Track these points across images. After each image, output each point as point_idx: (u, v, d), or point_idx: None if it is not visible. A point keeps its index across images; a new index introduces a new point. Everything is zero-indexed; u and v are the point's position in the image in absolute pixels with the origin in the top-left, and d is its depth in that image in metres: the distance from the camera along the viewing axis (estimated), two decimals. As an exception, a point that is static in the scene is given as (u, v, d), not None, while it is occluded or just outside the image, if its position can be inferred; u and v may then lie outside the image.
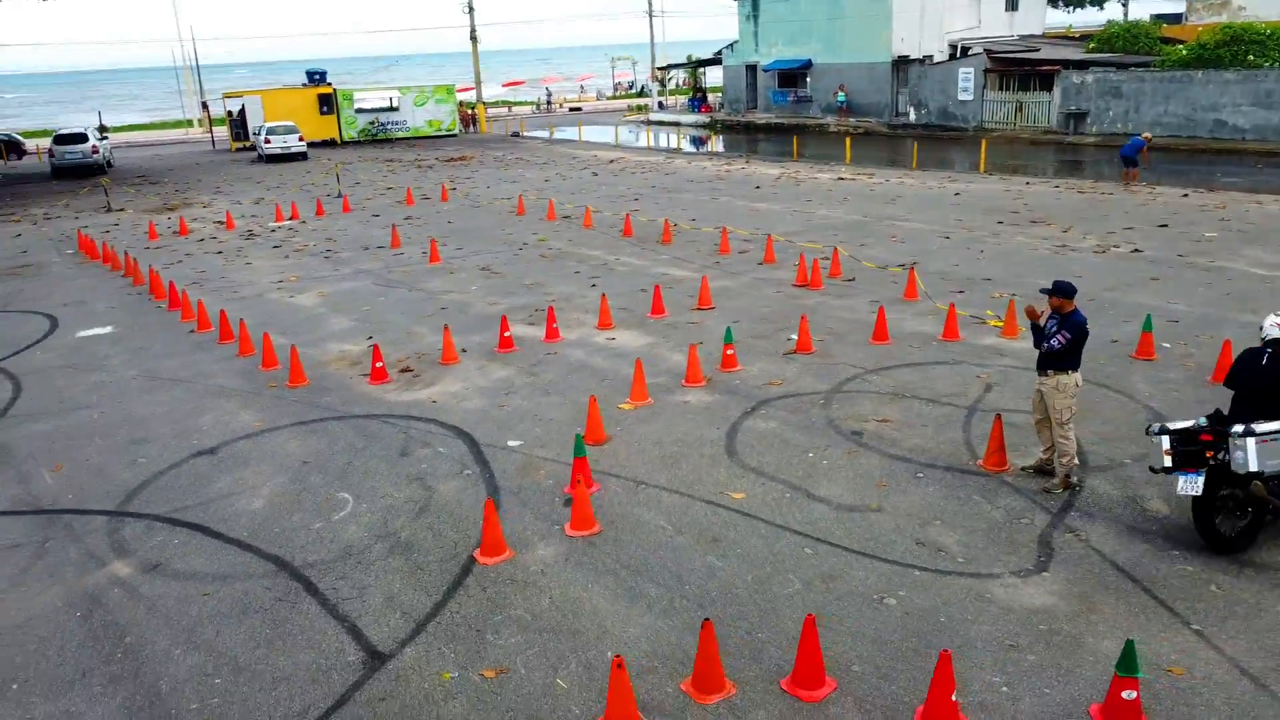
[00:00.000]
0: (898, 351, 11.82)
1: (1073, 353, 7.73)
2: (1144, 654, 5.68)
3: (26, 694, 6.07)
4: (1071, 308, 7.76)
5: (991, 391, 10.35)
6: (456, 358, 12.34)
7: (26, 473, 9.51)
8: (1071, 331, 7.63)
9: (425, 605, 6.80)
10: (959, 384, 10.63)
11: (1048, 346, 7.74)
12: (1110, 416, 9.54)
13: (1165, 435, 6.79)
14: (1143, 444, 8.22)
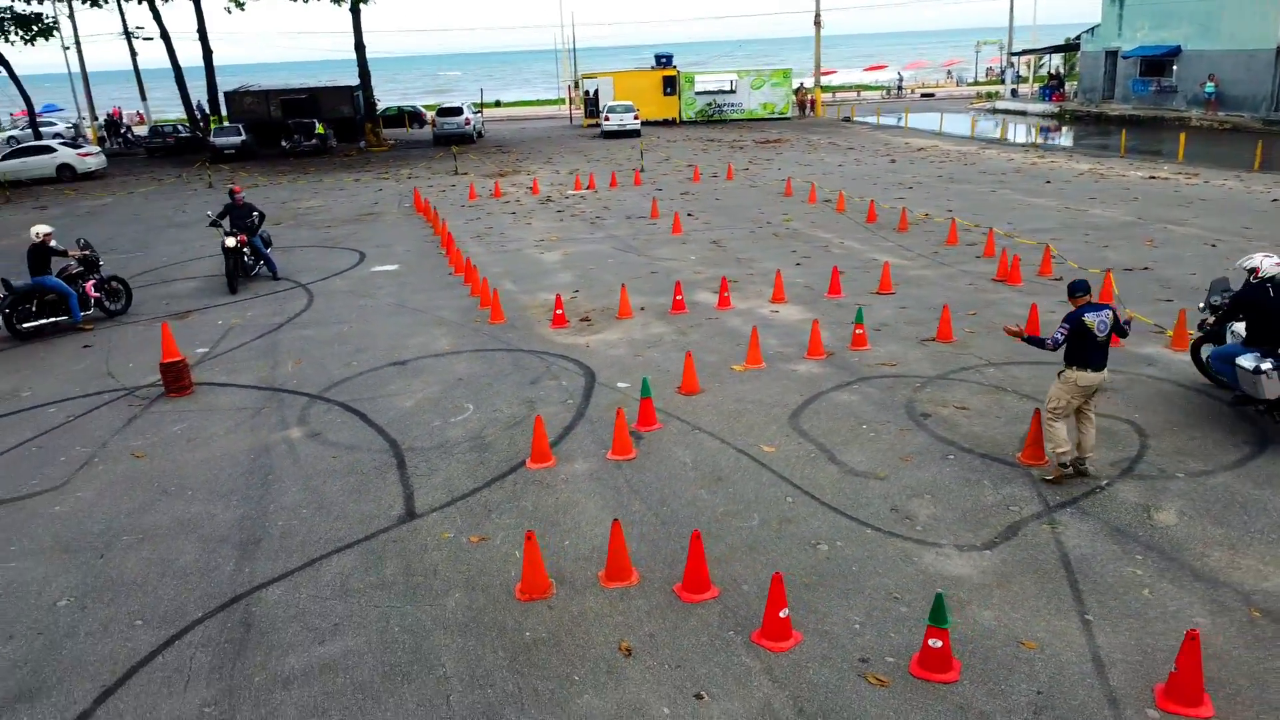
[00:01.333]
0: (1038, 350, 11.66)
1: (1071, 349, 7.86)
2: (1018, 627, 6.09)
3: (192, 498, 8.72)
4: (1080, 303, 7.86)
5: (1098, 395, 10.07)
6: (631, 313, 14.01)
7: (277, 361, 12.64)
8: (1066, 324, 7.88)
9: (466, 488, 8.62)
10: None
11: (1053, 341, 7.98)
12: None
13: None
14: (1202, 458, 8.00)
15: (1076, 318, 7.85)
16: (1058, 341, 7.94)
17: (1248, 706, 5.40)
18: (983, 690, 5.64)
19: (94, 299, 15.36)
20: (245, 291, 16.67)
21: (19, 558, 7.82)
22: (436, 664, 6.13)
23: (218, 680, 6.08)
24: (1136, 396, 9.97)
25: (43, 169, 35.88)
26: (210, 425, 10.50)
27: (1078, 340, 7.87)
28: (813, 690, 5.70)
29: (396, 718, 5.66)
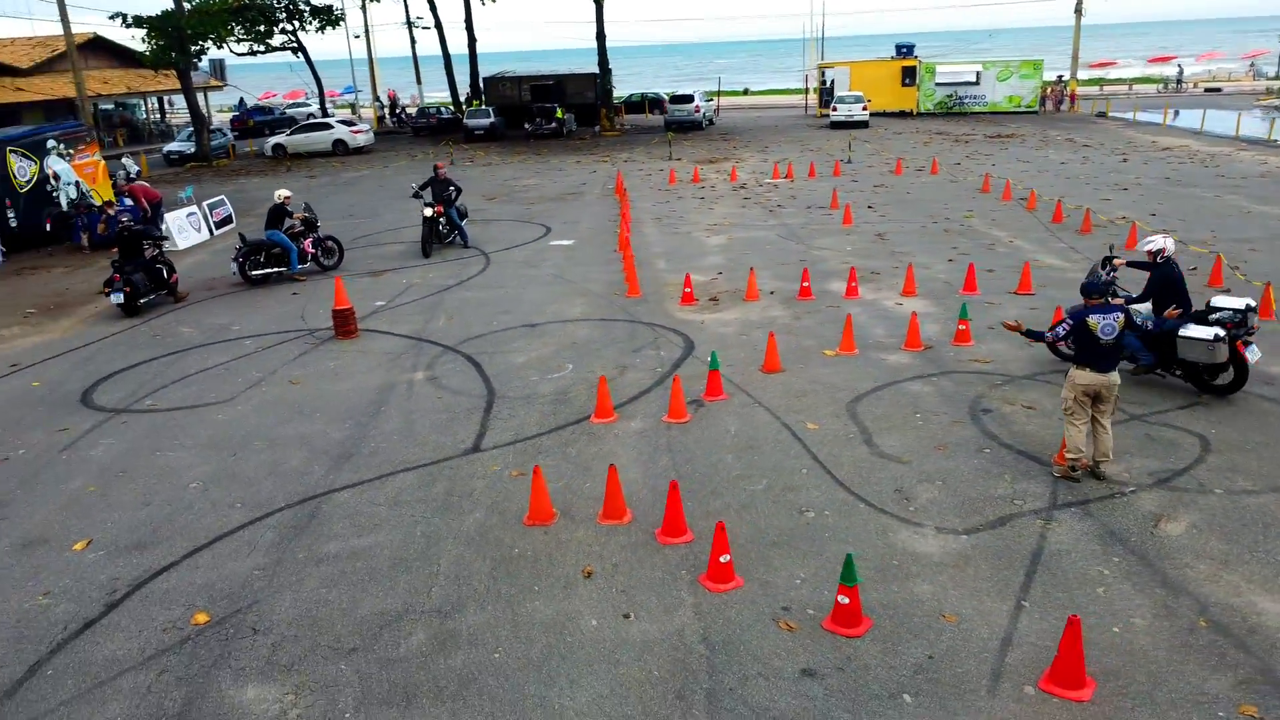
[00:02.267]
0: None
1: (1077, 348, 7.89)
2: (948, 602, 6.49)
3: (317, 419, 10.49)
4: (1089, 304, 7.87)
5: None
6: (757, 296, 14.67)
7: (433, 316, 14.44)
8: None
9: (530, 433, 9.81)
10: (1161, 393, 10.09)
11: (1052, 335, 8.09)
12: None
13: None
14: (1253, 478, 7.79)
15: (1080, 317, 7.84)
16: (1058, 336, 7.99)
17: (1130, 699, 5.53)
18: (879, 648, 6.09)
19: (310, 255, 17.96)
20: (436, 256, 18.78)
21: (180, 450, 9.85)
22: (435, 563, 7.34)
23: (272, 553, 7.62)
24: (1228, 413, 9.52)
25: (321, 143, 40.94)
26: (357, 364, 12.36)
27: (1081, 340, 7.86)
28: (725, 626, 6.38)
29: (386, 595, 6.92)
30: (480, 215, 23.22)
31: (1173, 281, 9.69)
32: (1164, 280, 9.72)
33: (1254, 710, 5.38)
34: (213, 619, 6.76)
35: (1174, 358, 9.74)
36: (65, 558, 7.75)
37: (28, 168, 21.68)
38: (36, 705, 5.93)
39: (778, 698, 5.65)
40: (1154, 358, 9.93)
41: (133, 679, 6.13)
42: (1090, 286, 7.98)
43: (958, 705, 5.53)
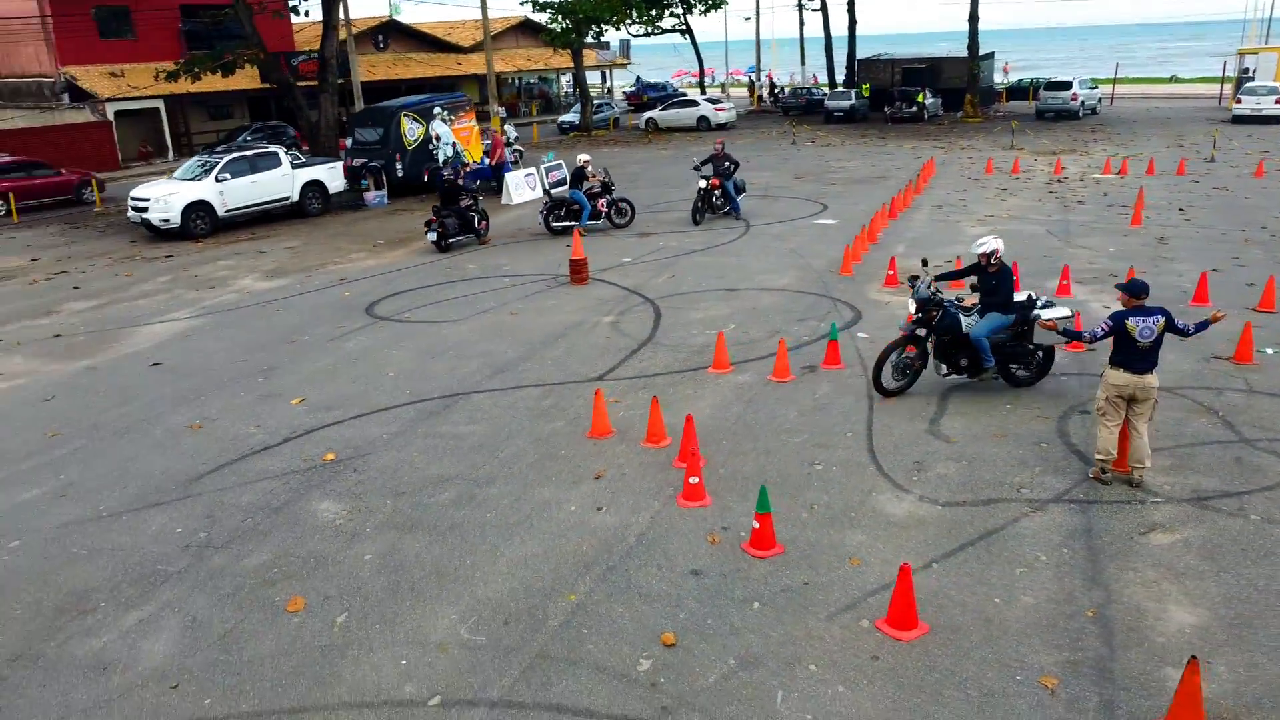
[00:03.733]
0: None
1: (1114, 348, 7.84)
2: (864, 550, 7.26)
3: (510, 341, 12.90)
4: (1131, 305, 7.78)
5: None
6: (962, 284, 14.80)
7: (659, 273, 16.33)
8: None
9: (651, 371, 11.41)
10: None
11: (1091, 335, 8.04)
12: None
13: None
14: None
15: (1120, 318, 7.77)
16: (1095, 336, 7.96)
17: (946, 648, 6.02)
18: (770, 568, 7.03)
19: (603, 213, 20.62)
20: (704, 225, 20.61)
21: (401, 350, 12.74)
22: (500, 451, 9.31)
23: (402, 426, 10.06)
24: (1362, 451, 8.62)
25: (687, 119, 44.31)
26: (568, 304, 14.64)
27: (1119, 340, 7.80)
28: (665, 530, 7.64)
29: (450, 465, 9.01)
30: (778, 192, 24.62)
31: (1007, 282, 9.75)
32: (1003, 282, 9.71)
33: (1053, 682, 5.68)
34: (335, 459, 9.29)
35: (1015, 350, 9.88)
36: (282, 407, 10.79)
37: (416, 129, 26.76)
38: (205, 486, 8.81)
39: (655, 584, 6.88)
40: (995, 360, 9.90)
41: (265, 484, 8.80)
42: (1136, 287, 7.87)
43: (791, 619, 6.40)
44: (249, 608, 6.80)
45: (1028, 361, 10.17)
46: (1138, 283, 7.92)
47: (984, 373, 10.10)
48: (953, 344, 9.99)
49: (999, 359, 10.02)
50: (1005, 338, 9.92)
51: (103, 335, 14.37)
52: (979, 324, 9.85)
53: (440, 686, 5.85)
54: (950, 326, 9.84)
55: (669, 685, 5.76)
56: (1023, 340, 9.94)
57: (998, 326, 9.85)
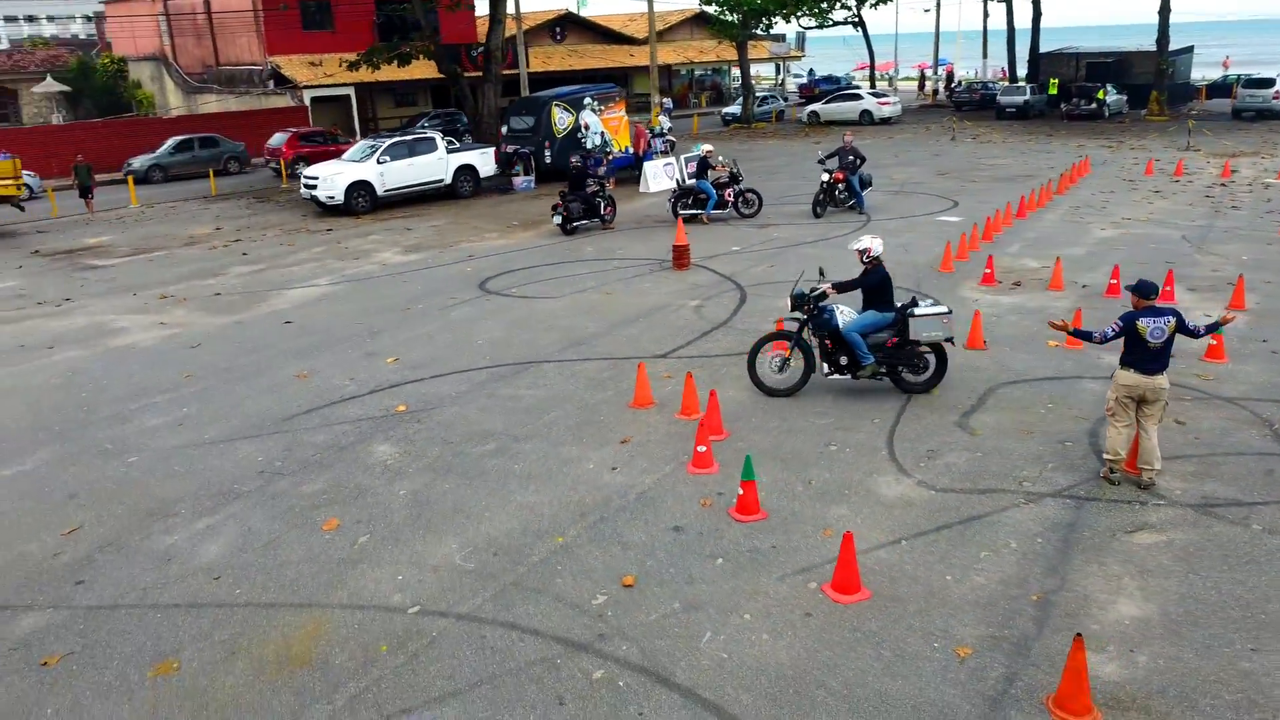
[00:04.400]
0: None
1: (1125, 348, 7.86)
2: (840, 523, 7.69)
3: (595, 319, 13.80)
4: (1141, 306, 7.78)
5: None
6: (1061, 286, 14.55)
7: (760, 263, 16.82)
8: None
9: (715, 352, 12.01)
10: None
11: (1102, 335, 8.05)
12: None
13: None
14: None
15: (1131, 319, 7.79)
16: (1106, 336, 7.98)
17: (880, 613, 6.41)
18: (746, 530, 7.55)
19: (729, 203, 21.20)
20: (825, 218, 20.81)
21: (495, 321, 13.87)
22: (548, 413, 10.18)
23: (471, 387, 11.11)
24: None
25: (850, 112, 43.94)
26: (661, 288, 15.38)
27: (1129, 341, 7.81)
28: (664, 490, 8.28)
29: (500, 422, 9.97)
30: (914, 188, 24.42)
31: (887, 281, 10.03)
32: (882, 280, 9.99)
33: (966, 652, 6.00)
34: (405, 410, 10.45)
35: (899, 352, 9.99)
36: (378, 365, 12.10)
37: (566, 118, 28.10)
38: (293, 425, 10.14)
39: (635, 535, 7.56)
40: (875, 358, 9.97)
41: (341, 427, 10.04)
42: (1145, 287, 7.88)
43: (746, 576, 6.93)
44: (293, 524, 7.97)
45: (915, 364, 10.12)
46: (1146, 283, 7.90)
47: (862, 370, 10.05)
48: (833, 342, 10.09)
49: (886, 361, 10.04)
50: (886, 337, 9.96)
51: (253, 296, 16.28)
52: (852, 320, 10.01)
53: (422, 600, 6.77)
54: (826, 324, 10.02)
55: (613, 618, 6.45)
56: (904, 343, 9.92)
57: (871, 323, 9.95)
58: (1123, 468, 8.16)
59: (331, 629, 6.45)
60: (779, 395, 10.36)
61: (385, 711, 5.62)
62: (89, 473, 9.21)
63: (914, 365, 10.19)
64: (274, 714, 5.64)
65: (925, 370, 10.24)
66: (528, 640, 6.24)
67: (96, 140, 36.59)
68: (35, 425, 10.56)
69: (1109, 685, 5.61)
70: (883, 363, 10.07)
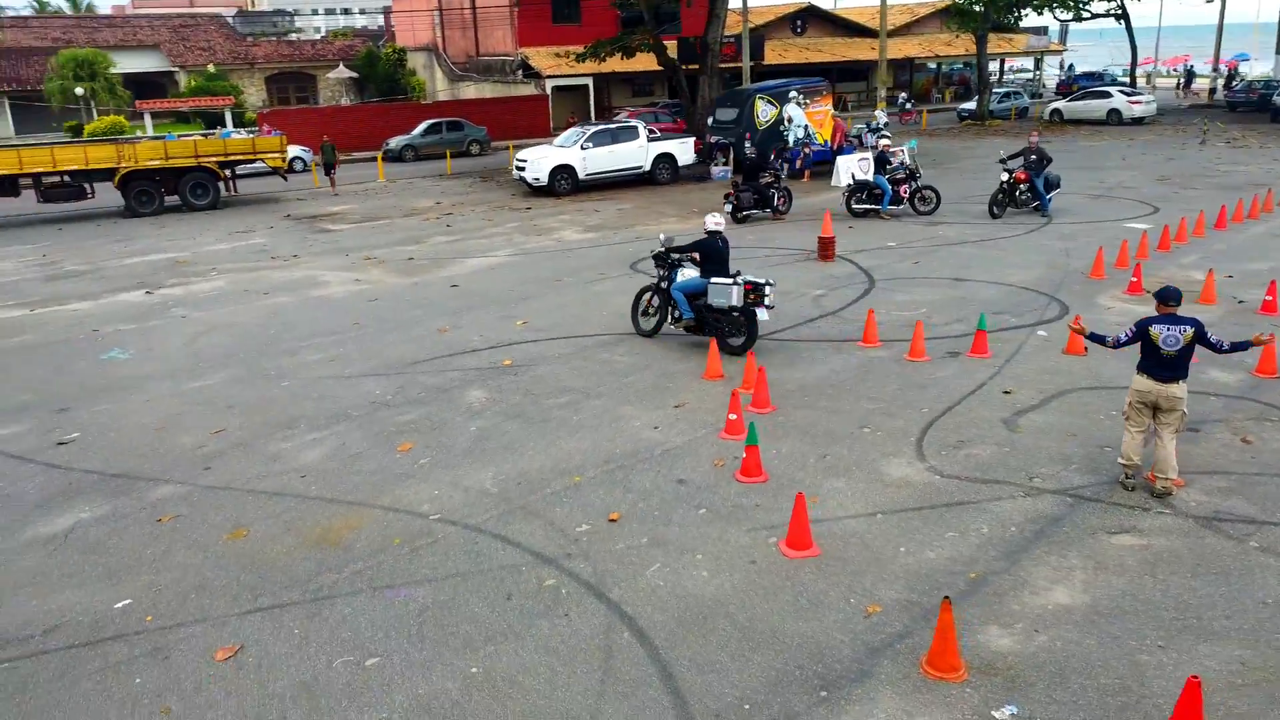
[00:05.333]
0: None
1: (1141, 354, 7.90)
2: (836, 501, 8.32)
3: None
4: (1162, 311, 7.78)
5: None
6: (1214, 299, 13.80)
7: (908, 259, 16.99)
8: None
9: (810, 338, 12.62)
10: None
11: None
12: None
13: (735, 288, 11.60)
14: None
15: (1144, 324, 7.78)
16: (1120, 341, 7.99)
17: (816, 572, 7.04)
18: (740, 489, 8.28)
19: (904, 199, 21.28)
20: (1003, 219, 20.35)
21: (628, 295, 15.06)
22: (625, 378, 11.28)
23: (571, 351, 12.41)
24: None
25: (1096, 111, 41.37)
26: (798, 276, 15.97)
27: (1144, 346, 7.81)
28: (687, 450, 9.16)
29: (584, 381, 11.17)
30: (1121, 193, 23.23)
31: (717, 250, 11.77)
32: (710, 249, 11.80)
33: (876, 609, 6.53)
34: (510, 364, 11.91)
35: (709, 318, 11.68)
36: (507, 326, 13.68)
37: (769, 111, 28.78)
38: (415, 369, 11.87)
39: (642, 482, 8.52)
40: (694, 316, 11.83)
41: (452, 374, 11.64)
42: (1167, 294, 7.84)
43: (717, 526, 7.71)
44: (378, 444, 9.58)
45: (723, 327, 11.74)
46: (1169, 289, 7.83)
47: (679, 322, 12.11)
48: (665, 297, 12.22)
49: (703, 319, 11.80)
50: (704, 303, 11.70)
51: (439, 262, 18.47)
52: (680, 281, 12.03)
53: (444, 510, 8.11)
54: (665, 279, 12.24)
55: (585, 543, 7.49)
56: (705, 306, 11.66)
57: (693, 286, 11.88)
58: (1145, 477, 8.12)
59: (366, 523, 7.93)
60: (644, 336, 12.75)
61: (374, 585, 6.99)
62: (249, 391, 11.35)
63: (724, 328, 11.75)
64: (294, 574, 7.17)
65: (739, 335, 11.76)
66: (508, 550, 7.41)
67: (364, 121, 41.36)
68: (229, 352, 12.96)
69: (993, 654, 5.98)
70: (700, 321, 11.86)
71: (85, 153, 24.79)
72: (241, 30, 64.63)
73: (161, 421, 10.47)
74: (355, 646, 6.27)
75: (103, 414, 10.77)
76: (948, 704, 5.55)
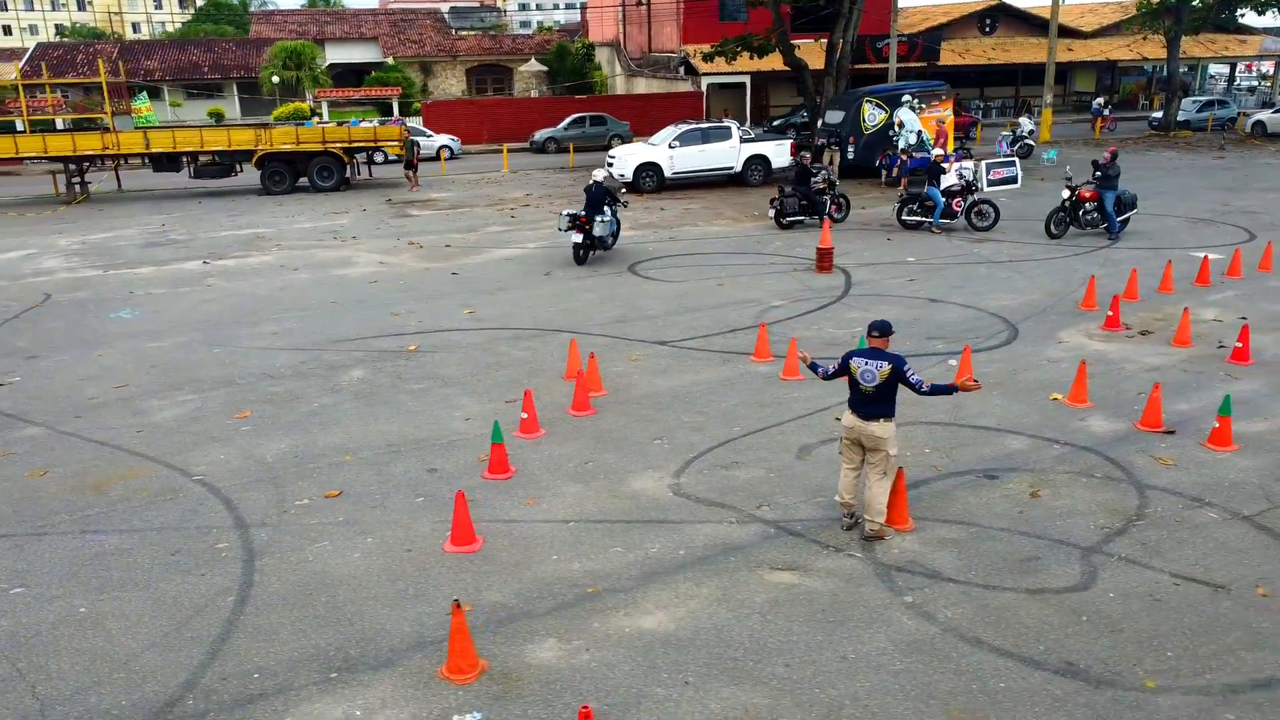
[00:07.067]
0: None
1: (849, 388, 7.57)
2: (779, 476, 8.58)
3: (686, 301, 14.84)
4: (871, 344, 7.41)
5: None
6: (1189, 341, 12.47)
7: (918, 276, 16.28)
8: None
9: (713, 348, 12.58)
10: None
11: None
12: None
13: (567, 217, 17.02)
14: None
15: (848, 357, 7.43)
16: (828, 373, 7.64)
17: (492, 562, 7.37)
18: (487, 484, 8.69)
19: (957, 213, 20.24)
20: (1062, 239, 18.84)
21: (592, 295, 15.47)
22: (499, 371, 11.76)
23: (482, 340, 13.00)
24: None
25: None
26: (776, 286, 15.71)
27: (850, 381, 7.45)
28: (481, 442, 9.58)
29: (458, 366, 11.76)
30: (1231, 217, 20.94)
31: (590, 195, 16.72)
32: (592, 197, 16.76)
33: (469, 607, 6.78)
34: (414, 350, 12.65)
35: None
36: (456, 314, 14.43)
37: (877, 115, 27.88)
38: (339, 347, 12.85)
39: (401, 467, 8.96)
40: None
41: (358, 354, 12.52)
42: (874, 325, 7.45)
43: (420, 515, 8.08)
44: (226, 410, 10.60)
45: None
46: (878, 321, 7.41)
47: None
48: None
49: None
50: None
51: (470, 250, 19.53)
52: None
53: (209, 474, 8.96)
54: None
55: (290, 515, 8.08)
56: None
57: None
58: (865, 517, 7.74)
59: (141, 476, 8.93)
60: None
61: (86, 528, 7.94)
62: (183, 354, 12.75)
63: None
64: (41, 510, 8.25)
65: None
66: (220, 513, 8.16)
67: (521, 114, 43.43)
68: (208, 319, 14.52)
69: (522, 665, 6.05)
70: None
71: (229, 135, 27.86)
72: (452, 24, 69.12)
73: (91, 374, 12.01)
74: (15, 575, 7.22)
75: (57, 364, 12.48)
76: (424, 701, 5.75)
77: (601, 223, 17.42)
